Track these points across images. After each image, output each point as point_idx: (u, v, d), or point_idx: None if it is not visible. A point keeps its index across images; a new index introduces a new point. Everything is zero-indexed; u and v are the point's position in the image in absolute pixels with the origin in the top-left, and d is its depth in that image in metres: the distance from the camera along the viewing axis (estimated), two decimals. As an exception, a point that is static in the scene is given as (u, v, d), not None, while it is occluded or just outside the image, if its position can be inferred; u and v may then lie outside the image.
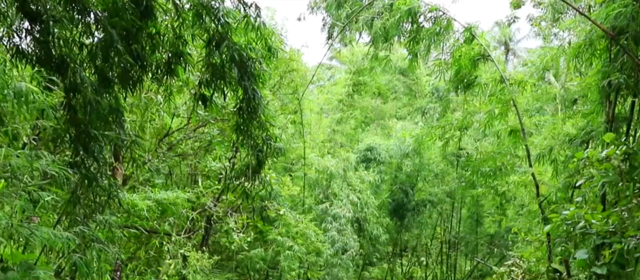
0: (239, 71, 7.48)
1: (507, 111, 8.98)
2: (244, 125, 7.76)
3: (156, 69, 7.62)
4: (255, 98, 7.62)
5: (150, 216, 9.59)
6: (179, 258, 12.15)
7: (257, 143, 7.83)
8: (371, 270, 24.53)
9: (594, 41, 7.44)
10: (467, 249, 24.66)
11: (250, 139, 7.79)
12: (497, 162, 8.64)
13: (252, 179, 7.74)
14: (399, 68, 25.85)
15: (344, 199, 17.67)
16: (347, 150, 19.19)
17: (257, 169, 7.81)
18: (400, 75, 25.98)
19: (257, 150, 7.78)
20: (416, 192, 21.56)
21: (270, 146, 7.82)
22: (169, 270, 11.81)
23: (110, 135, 6.54)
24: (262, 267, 15.76)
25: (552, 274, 8.30)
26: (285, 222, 14.86)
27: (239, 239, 13.71)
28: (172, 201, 9.30)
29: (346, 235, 16.85)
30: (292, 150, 17.82)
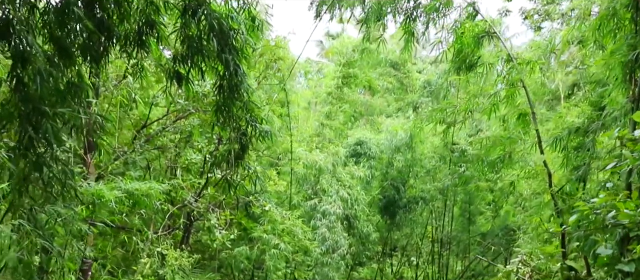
0: (219, 43, 6.58)
1: (514, 94, 8.17)
2: (225, 106, 6.86)
3: (125, 41, 6.71)
4: (238, 74, 6.73)
5: (121, 209, 8.64)
6: (155, 256, 11.22)
7: (240, 125, 6.94)
8: (360, 271, 23.68)
9: (618, 11, 6.65)
10: (458, 248, 23.90)
11: (232, 120, 6.90)
12: (506, 148, 7.84)
13: (234, 166, 6.84)
14: (390, 61, 25.08)
15: (334, 195, 16.81)
16: (336, 144, 18.31)
17: (240, 155, 6.93)
18: (391, 69, 25.15)
19: (239, 133, 6.89)
20: (408, 188, 20.74)
21: (255, 128, 6.93)
22: (144, 270, 10.87)
23: (66, 114, 5.60)
24: (246, 267, 14.85)
25: (567, 271, 7.50)
26: (271, 218, 13.95)
27: (221, 236, 12.78)
28: (144, 192, 8.37)
29: (336, 233, 15.98)
30: (278, 143, 16.92)
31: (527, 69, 8.11)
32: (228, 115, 6.86)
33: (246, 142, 6.95)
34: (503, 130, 8.11)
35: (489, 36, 8.24)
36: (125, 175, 12.67)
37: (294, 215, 14.63)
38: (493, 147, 7.75)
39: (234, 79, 6.72)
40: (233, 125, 6.88)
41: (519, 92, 8.23)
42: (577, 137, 9.59)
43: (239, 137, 6.83)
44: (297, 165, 17.13)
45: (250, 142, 6.96)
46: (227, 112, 6.88)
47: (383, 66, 24.51)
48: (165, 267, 11.43)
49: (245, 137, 6.91)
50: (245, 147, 6.97)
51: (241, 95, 6.86)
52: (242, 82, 6.77)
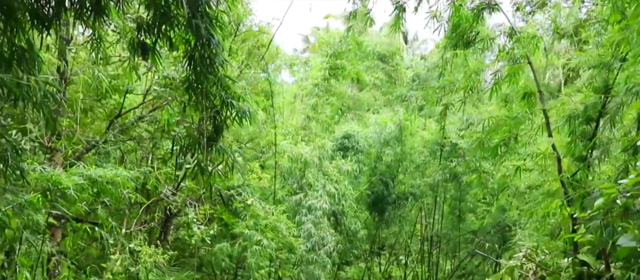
0: (190, 9, 5.78)
1: (517, 71, 7.47)
2: (197, 81, 6.07)
3: (79, 5, 5.89)
4: (211, 45, 5.93)
5: (83, 199, 7.80)
6: (127, 253, 10.40)
7: (214, 104, 6.16)
8: (347, 270, 22.94)
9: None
10: (448, 247, 23.23)
11: (206, 98, 6.11)
12: (511, 130, 7.13)
13: (207, 150, 6.06)
14: (378, 53, 24.40)
15: (320, 189, 16.04)
16: (322, 137, 17.55)
17: (214, 137, 6.14)
18: (379, 61, 24.44)
19: (213, 112, 6.10)
20: (397, 184, 20.03)
21: (231, 107, 6.15)
22: (114, 267, 10.04)
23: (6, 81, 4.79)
24: (228, 265, 14.05)
25: (579, 267, 6.81)
26: (254, 213, 13.16)
27: (199, 232, 11.97)
28: (109, 179, 7.54)
29: (323, 229, 15.22)
30: (262, 136, 16.14)
31: (531, 46, 7.43)
32: (200, 92, 6.07)
33: (221, 123, 6.17)
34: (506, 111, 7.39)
35: (489, 8, 7.53)
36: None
37: (278, 210, 13.85)
38: (496, 129, 7.04)
39: (207, 50, 5.94)
40: (206, 104, 6.09)
41: (523, 70, 7.54)
42: (580, 124, 8.94)
43: (212, 117, 6.05)
44: (281, 159, 16.38)
45: (225, 123, 6.18)
46: (200, 89, 6.09)
47: (371, 59, 23.79)
48: (138, 264, 10.60)
49: (219, 117, 6.13)
50: (220, 129, 6.19)
51: (215, 69, 6.07)
52: (216, 54, 5.99)
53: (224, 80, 6.12)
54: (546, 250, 7.85)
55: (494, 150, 7.21)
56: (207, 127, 6.04)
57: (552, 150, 6.97)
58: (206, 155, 6.02)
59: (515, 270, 7.85)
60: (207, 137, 5.99)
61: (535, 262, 7.79)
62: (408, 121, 18.22)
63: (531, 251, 7.84)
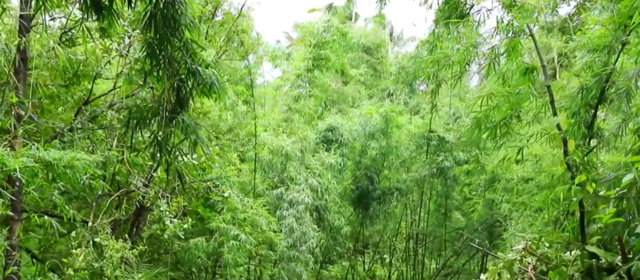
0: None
1: (517, 45, 6.77)
2: (159, 44, 5.27)
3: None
4: (176, 3, 5.14)
5: (32, 182, 6.94)
6: (90, 247, 9.55)
7: (178, 71, 5.36)
8: (330, 269, 22.22)
9: None
10: (433, 245, 22.60)
11: (169, 64, 5.31)
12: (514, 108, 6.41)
13: (168, 123, 5.26)
14: (363, 45, 23.70)
15: (302, 183, 15.26)
16: (305, 129, 16.78)
17: (177, 109, 5.35)
18: (364, 54, 23.72)
19: (177, 79, 5.31)
20: (382, 179, 19.34)
21: (198, 75, 5.35)
22: (76, 263, 9.18)
23: None
24: (204, 262, 13.21)
25: (588, 259, 6.12)
26: (231, 207, 12.35)
27: (172, 225, 11.13)
28: (67, 163, 6.69)
29: (305, 225, 14.44)
30: (242, 126, 15.31)
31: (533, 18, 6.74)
32: (162, 57, 5.27)
33: (186, 94, 5.38)
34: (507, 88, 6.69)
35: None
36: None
37: (257, 203, 13.05)
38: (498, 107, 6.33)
39: (171, 9, 5.15)
40: (169, 72, 5.30)
41: (522, 44, 6.84)
42: (579, 108, 8.30)
43: (175, 85, 5.26)
44: (262, 151, 15.58)
45: (191, 95, 5.39)
46: (162, 53, 5.29)
47: (355, 50, 23.05)
48: (104, 260, 9.74)
49: (185, 88, 5.34)
50: (185, 101, 5.40)
51: (180, 32, 5.28)
52: (181, 14, 5.20)
53: (191, 45, 5.33)
54: (546, 243, 7.15)
55: (493, 132, 6.50)
56: (170, 98, 5.26)
57: (558, 130, 6.26)
58: (166, 130, 5.22)
59: (515, 264, 7.16)
60: (169, 110, 5.21)
61: (536, 255, 7.09)
62: (394, 112, 17.54)
63: (531, 243, 7.13)
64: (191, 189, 13.18)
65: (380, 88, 23.23)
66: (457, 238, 21.90)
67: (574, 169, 6.31)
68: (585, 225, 6.19)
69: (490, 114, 6.61)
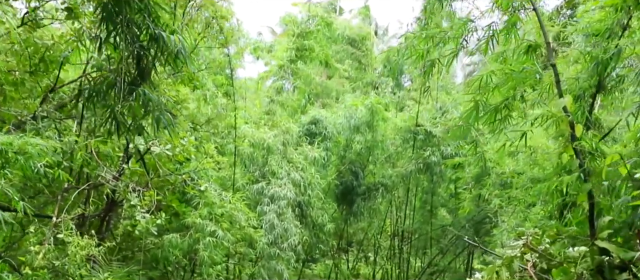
0: None
1: (516, 21, 6.15)
2: (115, 5, 4.54)
3: None
4: (135, -43, 4.41)
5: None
6: (51, 244, 8.76)
7: (138, 37, 4.64)
8: (313, 267, 21.55)
9: None
10: (419, 243, 22.02)
11: (127, 28, 4.59)
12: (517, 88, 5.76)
13: (126, 96, 4.54)
14: (348, 37, 23.04)
15: (284, 177, 14.56)
16: (288, 120, 16.08)
17: (137, 81, 4.63)
18: (348, 46, 23.04)
19: (137, 47, 4.58)
20: (367, 174, 18.69)
21: (161, 42, 4.63)
22: (35, 261, 8.39)
23: None
24: (179, 259, 12.44)
25: (598, 256, 5.51)
26: (208, 201, 11.60)
27: (144, 221, 10.34)
28: (19, 149, 5.92)
29: (287, 221, 13.74)
30: (221, 118, 14.54)
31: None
32: (120, 22, 4.54)
33: (147, 63, 4.66)
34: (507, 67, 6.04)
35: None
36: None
37: (236, 197, 12.32)
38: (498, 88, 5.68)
39: (130, -35, 4.42)
40: (127, 38, 4.57)
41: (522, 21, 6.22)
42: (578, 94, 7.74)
43: (135, 53, 4.53)
44: (242, 144, 14.85)
45: (154, 64, 4.67)
46: (120, 18, 4.56)
47: (340, 42, 22.36)
48: (67, 257, 8.95)
49: (146, 56, 4.62)
50: (147, 71, 4.68)
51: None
52: (142, -28, 4.47)
53: (153, 7, 4.61)
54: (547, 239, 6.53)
55: (492, 115, 5.86)
56: (129, 68, 4.54)
57: (564, 112, 5.64)
58: (124, 104, 4.49)
59: (515, 261, 6.53)
60: (128, 81, 4.49)
61: (537, 251, 6.47)
62: (380, 104, 16.90)
63: (533, 239, 6.51)
64: (167, 183, 12.42)
65: (365, 81, 22.57)
66: (442, 235, 21.34)
67: (581, 156, 5.68)
68: (594, 218, 5.58)
69: (490, 95, 5.97)
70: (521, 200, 10.56)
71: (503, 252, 6.59)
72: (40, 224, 9.52)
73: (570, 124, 5.68)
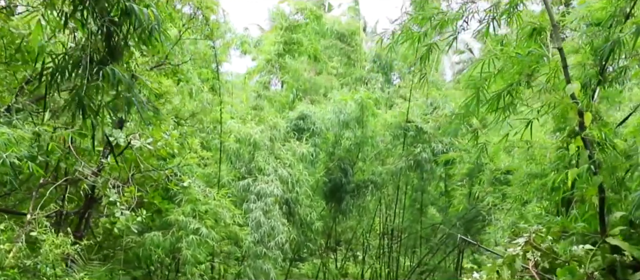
0: None
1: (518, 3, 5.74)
2: (82, -25, 4.05)
3: None
4: None
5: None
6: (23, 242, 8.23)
7: (109, 11, 4.15)
8: (301, 267, 21.09)
9: None
10: (408, 242, 21.61)
11: (96, 1, 4.10)
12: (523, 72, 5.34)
13: (93, 74, 4.06)
14: (337, 32, 22.58)
15: (271, 174, 14.08)
16: (275, 115, 15.61)
17: (106, 58, 4.16)
18: (337, 41, 22.58)
19: (107, 21, 4.10)
20: (356, 171, 18.26)
21: (134, 17, 4.16)
22: (4, 260, 7.86)
23: None
24: (162, 259, 11.95)
25: (609, 254, 5.12)
26: (191, 197, 11.11)
27: (124, 218, 9.83)
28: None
29: (274, 218, 13.27)
30: (206, 112, 14.04)
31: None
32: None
33: (118, 42, 4.18)
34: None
35: None
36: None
37: (221, 193, 11.84)
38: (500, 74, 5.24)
39: None
40: (96, 12, 4.08)
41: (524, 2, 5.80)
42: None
43: (105, 28, 4.05)
44: (228, 139, 14.36)
45: (126, 42, 4.20)
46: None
47: (329, 37, 21.89)
48: (40, 256, 8.44)
49: (117, 32, 4.14)
50: (118, 49, 4.20)
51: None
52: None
53: (125, -22, 4.13)
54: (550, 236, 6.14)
55: (495, 103, 5.44)
56: (97, 45, 4.07)
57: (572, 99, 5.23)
58: (91, 85, 4.01)
59: (517, 260, 6.13)
60: (97, 60, 4.02)
61: (541, 249, 6.07)
62: (370, 99, 16.48)
63: (536, 236, 6.11)
64: (150, 179, 11.91)
65: (354, 77, 22.13)
66: (433, 234, 20.97)
67: (591, 147, 5.28)
68: (605, 214, 5.18)
69: (491, 81, 5.54)
70: (518, 197, 10.17)
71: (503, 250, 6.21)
72: (12, 222, 8.98)
73: (579, 112, 5.27)
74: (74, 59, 4.04)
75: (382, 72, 21.56)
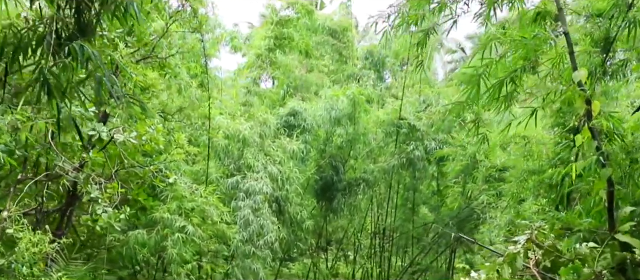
0: None
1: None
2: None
3: None
4: None
5: None
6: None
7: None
8: (291, 267, 20.72)
9: None
10: (400, 241, 21.28)
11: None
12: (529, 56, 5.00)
13: (58, 50, 3.67)
14: (328, 28, 22.21)
15: (261, 171, 13.70)
16: (265, 111, 15.22)
17: (75, 34, 3.77)
18: (329, 37, 22.21)
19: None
20: (348, 169, 17.90)
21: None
22: (-24, 259, 7.44)
23: None
24: (147, 258, 11.54)
25: (619, 251, 4.80)
26: (177, 194, 10.71)
27: (106, 216, 9.40)
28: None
29: (263, 217, 12.88)
30: (194, 107, 13.61)
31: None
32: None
33: (91, 18, 3.80)
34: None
35: None
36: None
37: (208, 190, 11.44)
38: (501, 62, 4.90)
39: None
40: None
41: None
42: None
43: (74, 1, 3.67)
44: (216, 135, 13.95)
45: (98, 18, 3.82)
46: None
47: (320, 33, 21.53)
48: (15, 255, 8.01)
49: (88, 4, 3.75)
50: (89, 25, 3.81)
51: None
52: None
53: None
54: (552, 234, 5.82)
55: (497, 91, 5.10)
56: (66, 19, 3.69)
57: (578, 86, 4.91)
58: (57, 62, 3.62)
59: (518, 258, 5.81)
60: (65, 37, 3.63)
61: (543, 247, 5.75)
62: (362, 95, 16.12)
63: (538, 233, 5.79)
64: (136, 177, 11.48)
65: (346, 74, 21.77)
66: (425, 234, 20.65)
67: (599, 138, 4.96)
68: (613, 209, 4.86)
69: (493, 68, 5.20)
70: (514, 194, 9.85)
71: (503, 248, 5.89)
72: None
73: (587, 101, 4.95)
74: (38, 35, 3.66)
75: (374, 69, 21.23)
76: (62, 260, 10.05)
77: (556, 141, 9.08)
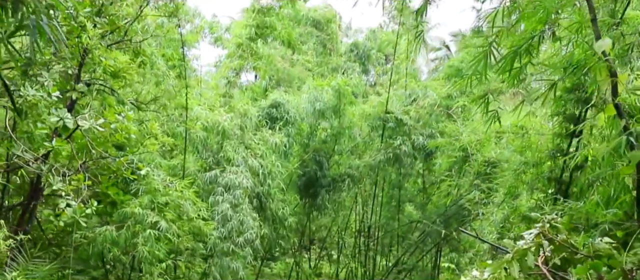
0: None
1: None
2: None
3: None
4: None
5: None
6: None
7: None
8: (273, 266, 20.00)
9: None
10: (385, 240, 20.65)
11: None
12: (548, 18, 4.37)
13: None
14: (312, 19, 21.52)
15: (241, 164, 12.95)
16: (246, 102, 14.47)
17: None
18: (313, 29, 21.50)
19: None
20: (332, 165, 17.22)
21: None
22: None
23: None
24: (116, 255, 10.72)
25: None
26: (149, 188, 9.92)
27: (71, 210, 8.59)
28: None
29: (243, 212, 12.14)
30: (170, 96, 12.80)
31: None
32: None
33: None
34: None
35: None
36: None
37: (183, 183, 10.67)
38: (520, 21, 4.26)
39: None
40: None
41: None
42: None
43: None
44: (194, 127, 13.17)
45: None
46: None
47: (304, 24, 20.82)
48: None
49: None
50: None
51: None
52: None
53: None
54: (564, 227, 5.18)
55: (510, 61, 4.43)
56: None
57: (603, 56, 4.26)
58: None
59: (529, 255, 5.15)
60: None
61: (556, 241, 5.10)
62: (348, 86, 15.44)
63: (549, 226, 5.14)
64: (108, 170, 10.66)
65: (330, 67, 21.07)
66: (410, 232, 20.03)
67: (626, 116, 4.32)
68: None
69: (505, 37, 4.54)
70: (510, 189, 9.24)
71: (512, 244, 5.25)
72: None
73: (612, 72, 4.30)
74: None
75: (359, 61, 20.60)
76: (23, 259, 9.26)
77: (556, 132, 8.49)
